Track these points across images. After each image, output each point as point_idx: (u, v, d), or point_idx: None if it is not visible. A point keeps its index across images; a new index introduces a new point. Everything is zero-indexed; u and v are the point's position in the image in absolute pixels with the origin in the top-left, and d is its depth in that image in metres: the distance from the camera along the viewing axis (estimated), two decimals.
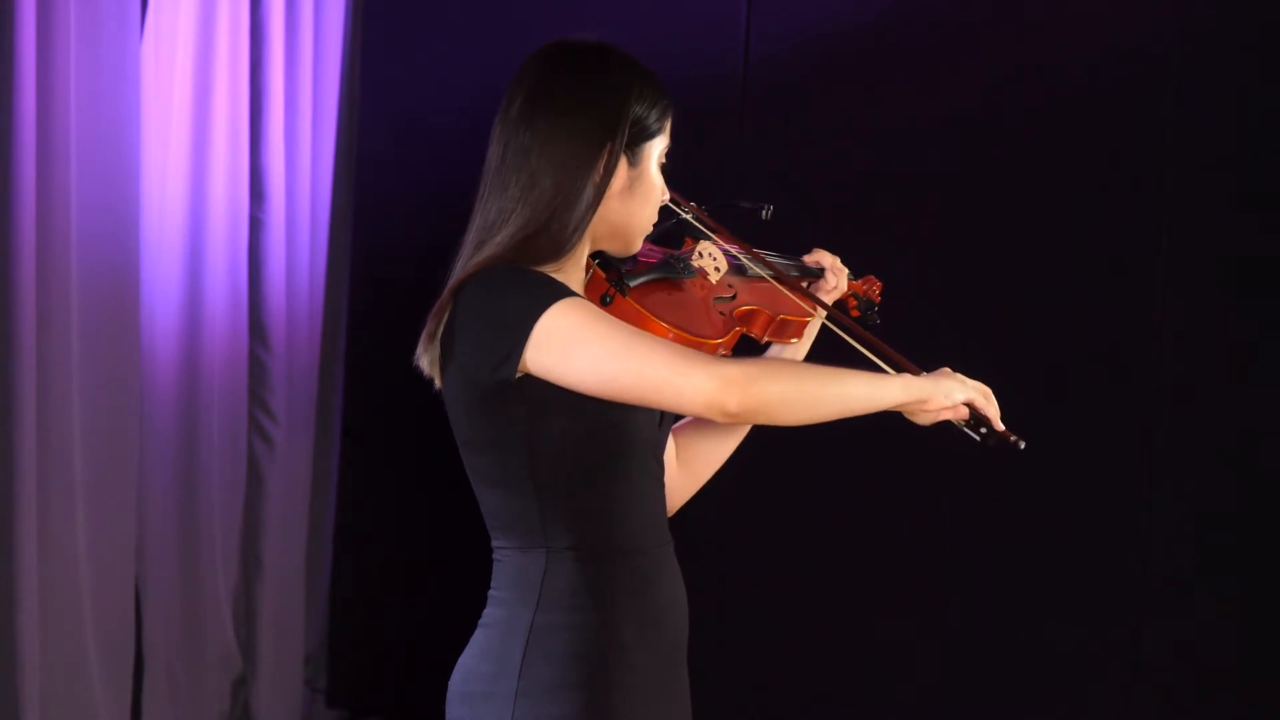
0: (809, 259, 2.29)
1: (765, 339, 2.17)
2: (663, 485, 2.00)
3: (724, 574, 4.24)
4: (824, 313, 2.20)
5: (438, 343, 1.89)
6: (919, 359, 2.03)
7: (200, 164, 4.37)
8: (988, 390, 1.96)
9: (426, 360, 1.92)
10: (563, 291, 1.81)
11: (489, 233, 1.89)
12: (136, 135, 3.99)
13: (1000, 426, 1.95)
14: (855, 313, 2.38)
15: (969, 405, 1.94)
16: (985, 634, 4.07)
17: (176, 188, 4.32)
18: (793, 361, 1.98)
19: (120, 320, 4.01)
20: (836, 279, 2.28)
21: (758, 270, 2.14)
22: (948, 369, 1.96)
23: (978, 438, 1.97)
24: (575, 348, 1.78)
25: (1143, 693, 3.90)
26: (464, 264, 1.91)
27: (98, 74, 3.86)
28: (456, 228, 1.98)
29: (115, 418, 4.00)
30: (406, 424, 4.76)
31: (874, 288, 2.43)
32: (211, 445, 4.42)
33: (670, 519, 2.05)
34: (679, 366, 1.76)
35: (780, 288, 2.14)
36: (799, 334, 2.22)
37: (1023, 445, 1.96)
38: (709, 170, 4.15)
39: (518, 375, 1.81)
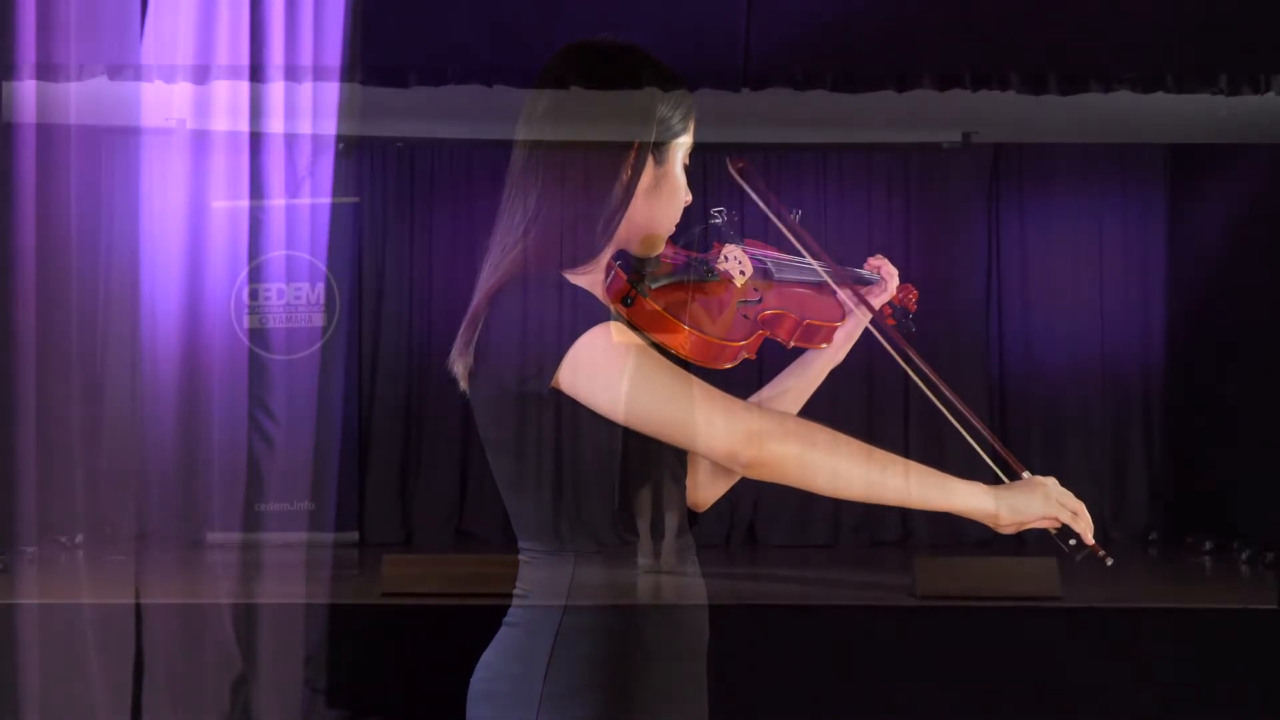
0: (868, 265, 2.28)
1: (792, 343, 2.14)
2: (684, 487, 1.99)
3: (740, 576, 4.23)
4: (856, 320, 2.20)
5: (472, 350, 1.86)
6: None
7: (200, 165, 4.36)
8: (1079, 506, 1.87)
9: (461, 366, 1.89)
10: (602, 314, 1.79)
11: (514, 234, 1.86)
12: (137, 135, 3.99)
13: (1090, 541, 1.90)
14: (891, 321, 2.36)
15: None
16: (986, 635, 4.06)
17: (176, 188, 4.32)
18: (835, 433, 1.82)
19: (120, 320, 4.01)
20: (889, 285, 2.27)
21: (784, 275, 2.12)
22: (1041, 479, 1.87)
23: (1066, 549, 1.93)
24: (607, 377, 1.76)
25: (1143, 693, 3.90)
26: (491, 266, 1.87)
27: (98, 74, 3.86)
28: (456, 228, 1.97)
29: (115, 418, 4.00)
30: (406, 424, 4.76)
31: (910, 295, 2.41)
32: (211, 445, 4.42)
33: (691, 524, 2.03)
34: (705, 413, 1.74)
35: (803, 292, 2.12)
36: (828, 339, 2.19)
37: (1110, 561, 1.93)
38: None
39: (548, 390, 1.80)
